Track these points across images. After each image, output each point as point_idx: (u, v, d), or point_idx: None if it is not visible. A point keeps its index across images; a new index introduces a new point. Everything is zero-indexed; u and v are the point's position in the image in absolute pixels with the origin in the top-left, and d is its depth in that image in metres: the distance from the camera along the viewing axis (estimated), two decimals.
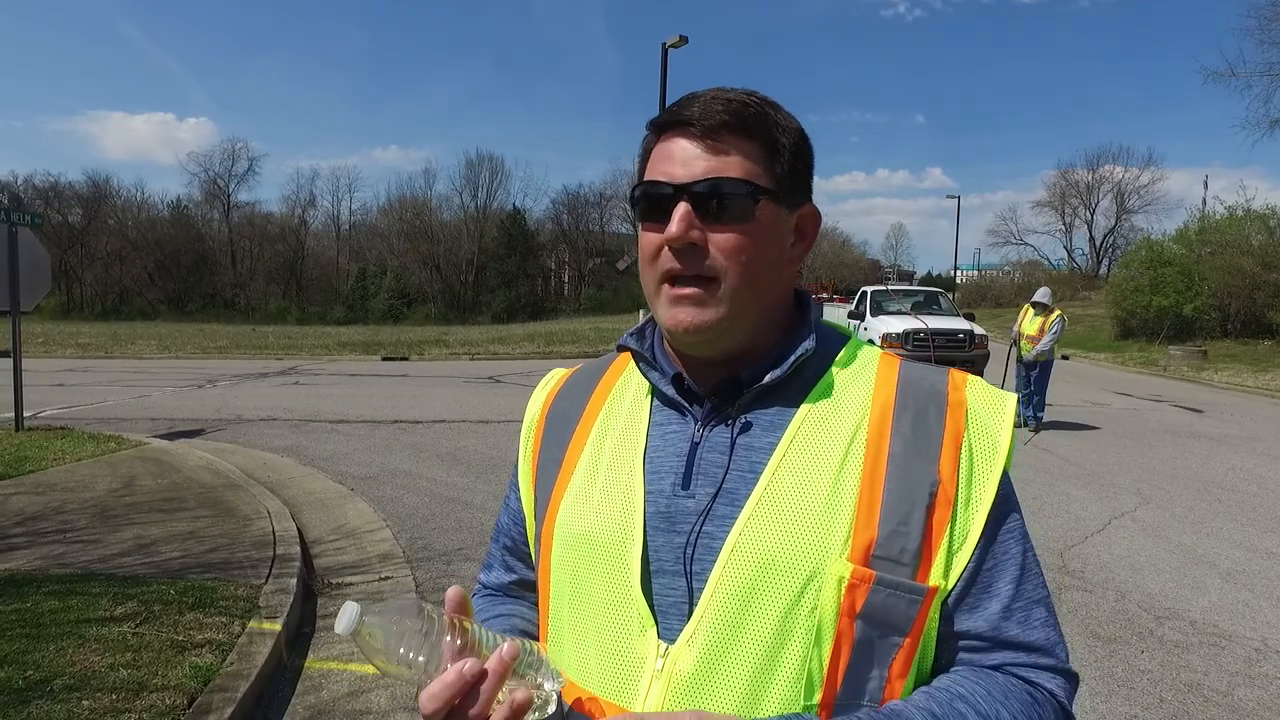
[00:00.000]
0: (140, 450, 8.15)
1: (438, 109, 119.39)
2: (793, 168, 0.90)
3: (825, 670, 0.79)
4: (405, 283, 58.42)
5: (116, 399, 12.87)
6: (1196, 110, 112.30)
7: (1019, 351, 10.88)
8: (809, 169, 0.93)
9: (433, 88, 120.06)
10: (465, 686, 0.73)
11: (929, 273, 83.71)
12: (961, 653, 0.85)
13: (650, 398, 0.96)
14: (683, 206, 0.85)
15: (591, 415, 0.99)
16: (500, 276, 57.60)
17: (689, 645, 0.81)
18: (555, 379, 1.09)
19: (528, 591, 1.07)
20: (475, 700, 0.74)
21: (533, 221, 62.52)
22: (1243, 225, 26.39)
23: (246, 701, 3.25)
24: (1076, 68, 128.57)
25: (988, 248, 66.22)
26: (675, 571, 0.85)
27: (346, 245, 66.61)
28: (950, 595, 0.83)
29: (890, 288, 19.42)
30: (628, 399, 0.98)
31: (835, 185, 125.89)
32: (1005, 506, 0.86)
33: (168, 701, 3.11)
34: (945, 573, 0.82)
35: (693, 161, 0.86)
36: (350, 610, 0.71)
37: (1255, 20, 28.56)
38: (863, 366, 0.92)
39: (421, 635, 0.73)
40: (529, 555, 1.05)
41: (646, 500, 0.88)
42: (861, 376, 0.91)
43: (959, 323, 14.50)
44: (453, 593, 0.81)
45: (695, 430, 0.90)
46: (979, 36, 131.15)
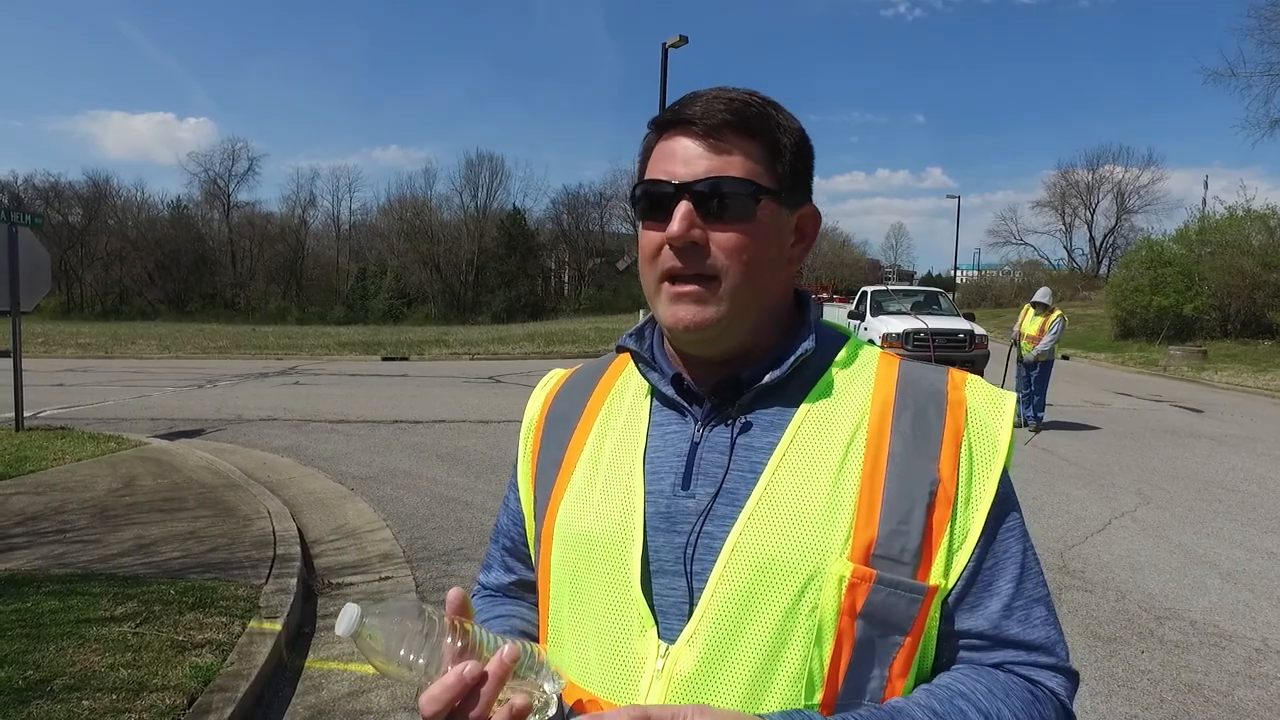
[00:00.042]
0: (140, 450, 8.15)
1: (438, 109, 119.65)
2: (794, 168, 0.90)
3: (826, 670, 0.79)
4: (405, 283, 58.42)
5: (116, 399, 12.88)
6: (1196, 110, 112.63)
7: (1019, 351, 10.87)
8: (809, 169, 0.93)
9: (433, 88, 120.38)
10: (465, 689, 0.73)
11: (929, 273, 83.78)
12: (962, 651, 0.85)
13: (650, 398, 0.96)
14: (684, 205, 0.85)
15: (591, 415, 0.99)
16: (500, 276, 57.59)
17: (689, 645, 0.81)
18: (555, 379, 1.09)
19: (527, 592, 1.07)
20: (475, 703, 0.73)
21: (533, 221, 62.55)
22: (1243, 225, 26.40)
23: (246, 701, 3.25)
24: (1076, 68, 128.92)
25: (988, 248, 66.34)
26: (675, 572, 0.85)
27: (346, 245, 66.60)
28: (951, 594, 0.83)
29: (890, 288, 19.42)
30: (627, 399, 0.98)
31: (835, 185, 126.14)
32: (1005, 505, 0.86)
33: (168, 701, 3.11)
34: (946, 572, 0.82)
35: (695, 160, 0.86)
36: (351, 612, 0.71)
37: (1255, 20, 28.60)
38: (862, 366, 0.92)
39: (422, 637, 0.73)
40: (528, 556, 1.05)
41: (646, 500, 0.88)
42: (861, 376, 0.91)
43: (959, 323, 14.50)
44: (453, 594, 0.81)
45: (695, 430, 0.90)
46: (979, 36, 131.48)
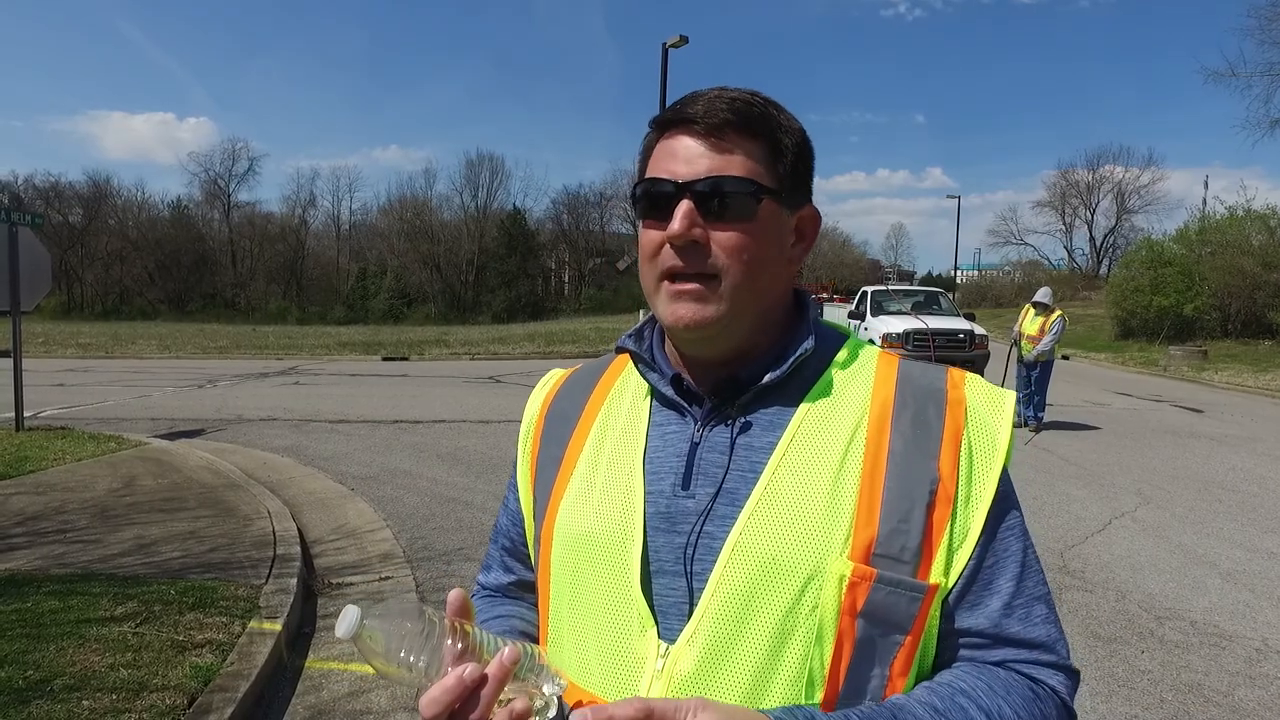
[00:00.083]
0: (140, 450, 8.15)
1: (438, 109, 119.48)
2: (795, 168, 0.90)
3: (827, 669, 0.79)
4: (405, 283, 58.42)
5: (117, 399, 12.88)
6: (1197, 110, 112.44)
7: (1019, 351, 10.87)
8: (810, 170, 0.93)
9: (433, 88, 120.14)
10: (465, 692, 0.72)
11: (929, 273, 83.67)
12: (963, 650, 0.85)
13: (649, 398, 0.96)
14: (685, 204, 0.84)
15: (591, 415, 0.99)
16: (500, 276, 57.60)
17: (689, 645, 0.81)
18: (554, 379, 1.09)
19: (527, 592, 1.07)
20: (475, 705, 0.73)
21: (533, 221, 62.57)
22: (1243, 225, 26.41)
23: (247, 701, 3.25)
24: (1076, 68, 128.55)
25: (988, 248, 66.37)
26: (675, 572, 0.85)
27: (347, 245, 66.62)
28: (951, 593, 0.83)
29: (890, 288, 19.44)
30: (627, 399, 0.98)
31: (835, 185, 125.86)
32: (1005, 504, 0.86)
33: (168, 701, 3.11)
34: (946, 570, 0.82)
35: (696, 160, 0.86)
36: (351, 613, 0.71)
37: (1255, 20, 28.63)
38: (862, 365, 0.92)
39: (422, 638, 0.73)
40: (528, 556, 1.05)
41: (646, 500, 0.88)
42: (861, 375, 0.91)
43: (959, 323, 14.51)
44: (454, 596, 0.80)
45: (695, 430, 0.90)
46: (979, 36, 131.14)
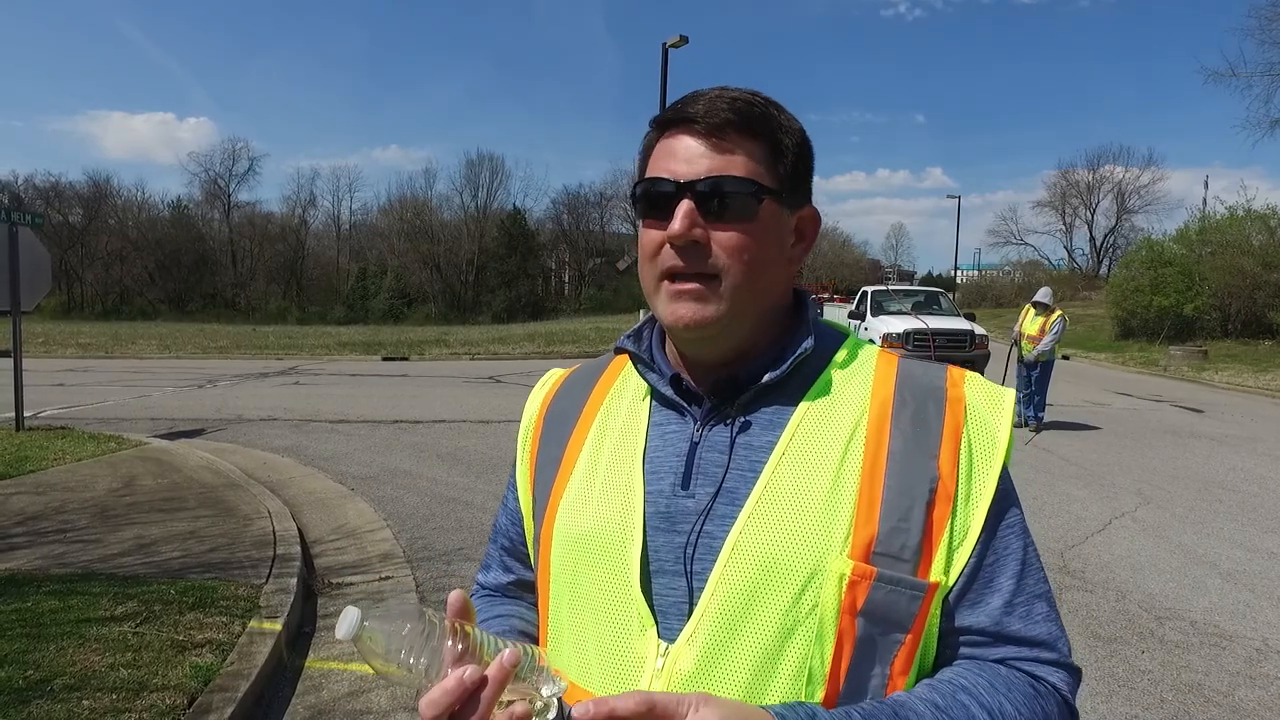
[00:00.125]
0: (140, 450, 8.15)
1: (438, 109, 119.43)
2: (795, 169, 0.90)
3: (827, 668, 0.79)
4: (405, 283, 58.42)
5: (117, 399, 12.88)
6: (1197, 110, 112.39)
7: (1020, 351, 10.87)
8: (810, 171, 0.93)
9: (433, 88, 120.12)
10: (465, 694, 0.72)
11: (929, 273, 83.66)
12: (964, 648, 0.85)
13: (649, 398, 0.96)
14: (686, 204, 0.84)
15: (590, 415, 0.99)
16: (500, 276, 57.59)
17: (689, 644, 0.81)
18: (553, 379, 1.09)
19: (526, 592, 1.07)
20: (475, 708, 0.73)
21: (533, 221, 62.56)
22: (1243, 225, 26.41)
23: (247, 701, 3.25)
24: (1076, 68, 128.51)
25: (988, 248, 66.38)
26: (675, 571, 0.85)
27: (347, 245, 66.62)
28: (951, 591, 0.83)
29: (891, 288, 19.43)
30: (626, 399, 0.98)
31: (835, 185, 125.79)
32: (1005, 502, 0.86)
33: (168, 701, 3.11)
34: (946, 569, 0.82)
35: (697, 159, 0.85)
36: (351, 615, 0.71)
37: (1256, 20, 28.63)
38: (861, 364, 0.92)
39: (422, 639, 0.73)
40: (527, 556, 1.04)
41: (646, 500, 0.88)
42: (860, 374, 0.91)
43: (959, 323, 14.51)
44: (454, 597, 0.80)
45: (694, 430, 0.90)
46: (979, 36, 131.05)
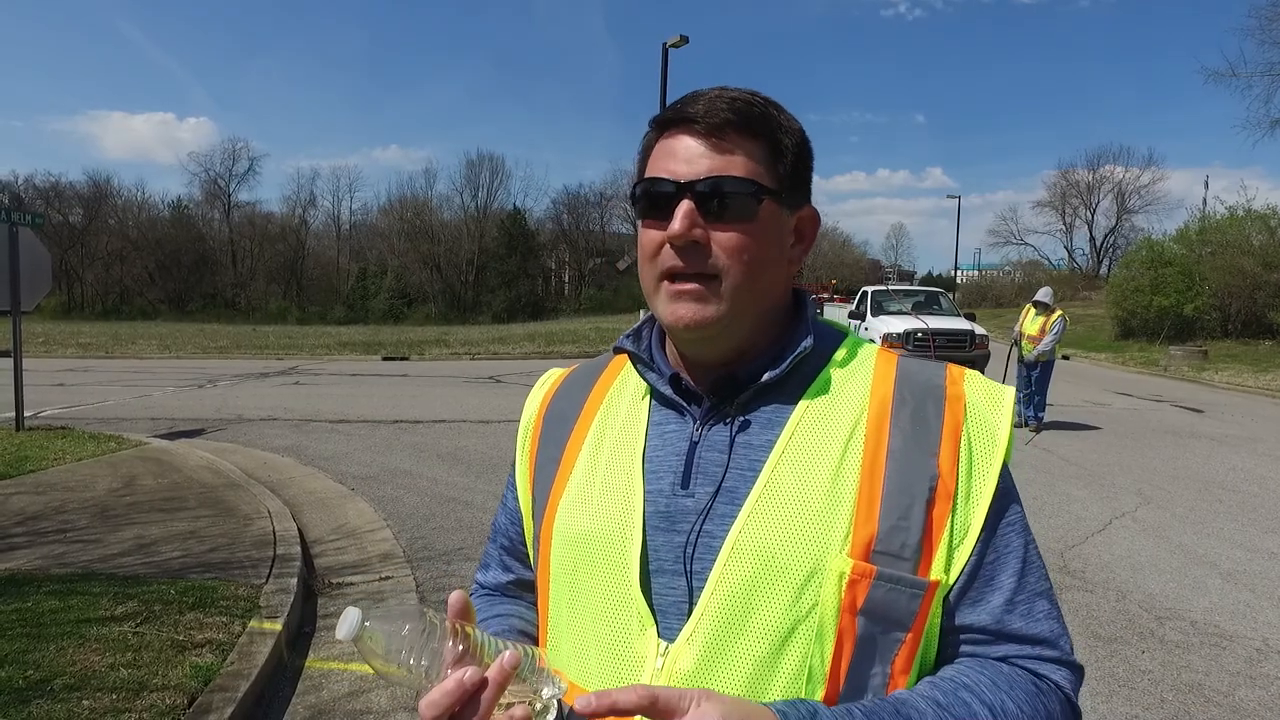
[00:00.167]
0: (141, 450, 8.15)
1: (438, 109, 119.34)
2: (795, 169, 0.90)
3: (827, 667, 0.79)
4: (405, 283, 58.41)
5: (117, 399, 12.88)
6: (1197, 110, 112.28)
7: (1020, 351, 10.87)
8: (810, 171, 0.93)
9: (433, 88, 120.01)
10: (465, 695, 0.72)
11: (929, 273, 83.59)
12: (965, 646, 0.85)
13: (648, 398, 0.96)
14: (686, 204, 0.84)
15: (589, 415, 0.99)
16: (500, 276, 57.58)
17: (689, 644, 0.81)
18: (552, 379, 1.09)
19: (525, 591, 1.07)
20: (475, 709, 0.73)
21: (533, 221, 62.54)
22: (1243, 225, 26.41)
23: (247, 701, 3.25)
24: (1076, 68, 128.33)
25: (988, 248, 66.37)
26: (675, 571, 0.85)
27: (347, 245, 66.61)
28: (952, 590, 0.83)
29: (891, 288, 19.44)
30: (625, 399, 0.98)
31: (835, 185, 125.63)
32: (1005, 499, 0.86)
33: (168, 701, 3.11)
34: (946, 567, 0.82)
35: (696, 159, 0.85)
36: (352, 615, 0.71)
37: (1256, 20, 28.63)
38: (861, 363, 0.92)
39: (423, 640, 0.73)
40: (526, 555, 1.04)
41: (646, 500, 0.88)
42: (859, 373, 0.91)
43: (960, 323, 14.51)
44: (455, 597, 0.80)
45: (694, 429, 0.90)
46: (979, 36, 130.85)
